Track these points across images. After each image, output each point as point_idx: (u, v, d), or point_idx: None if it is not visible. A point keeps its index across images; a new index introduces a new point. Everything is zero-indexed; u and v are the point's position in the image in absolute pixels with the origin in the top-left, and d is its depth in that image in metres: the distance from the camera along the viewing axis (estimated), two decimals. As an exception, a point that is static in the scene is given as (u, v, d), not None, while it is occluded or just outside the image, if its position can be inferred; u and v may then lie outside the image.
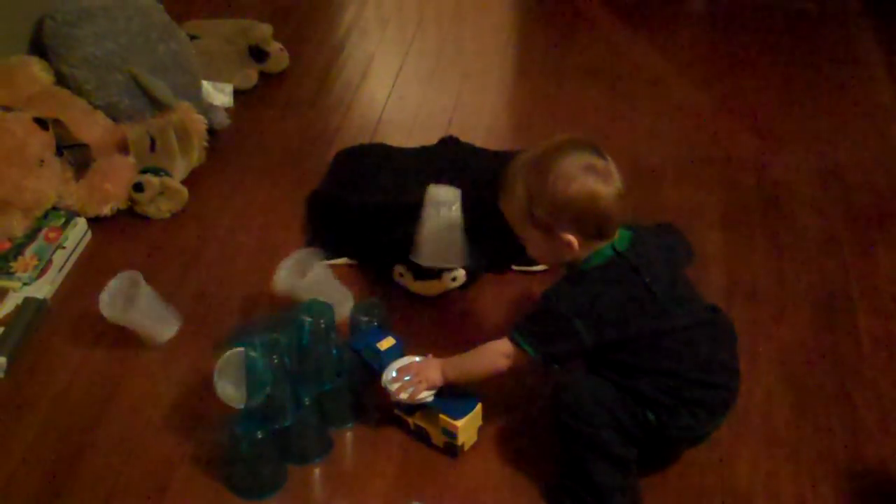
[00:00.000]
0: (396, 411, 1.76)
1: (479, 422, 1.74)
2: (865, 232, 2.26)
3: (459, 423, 1.68)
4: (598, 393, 1.56)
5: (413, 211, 2.16)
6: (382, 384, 1.72)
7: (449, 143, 2.49)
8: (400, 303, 2.05)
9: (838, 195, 2.38)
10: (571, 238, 1.55)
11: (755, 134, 2.61)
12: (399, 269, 2.06)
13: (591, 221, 1.54)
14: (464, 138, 2.51)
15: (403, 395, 1.68)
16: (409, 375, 1.69)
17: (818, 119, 2.67)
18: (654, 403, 1.56)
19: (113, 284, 1.90)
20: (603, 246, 1.58)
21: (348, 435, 1.80)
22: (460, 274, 2.07)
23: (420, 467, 1.73)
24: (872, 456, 1.74)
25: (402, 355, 1.76)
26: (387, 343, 1.78)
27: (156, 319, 1.96)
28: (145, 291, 1.92)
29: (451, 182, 2.27)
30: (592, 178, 1.53)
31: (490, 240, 2.12)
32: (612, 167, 1.57)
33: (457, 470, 1.72)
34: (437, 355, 1.80)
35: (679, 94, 2.80)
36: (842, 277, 2.13)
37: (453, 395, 1.70)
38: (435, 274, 2.05)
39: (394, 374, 1.72)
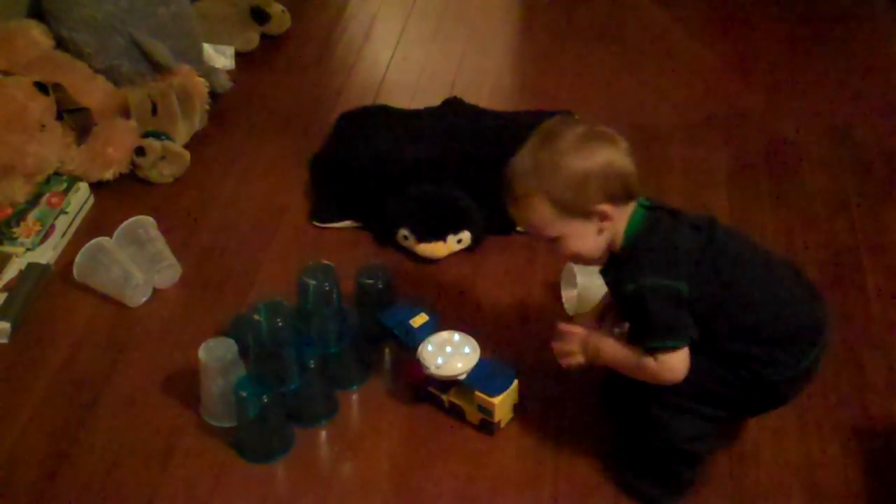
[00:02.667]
0: (430, 388, 1.74)
1: (516, 398, 1.72)
2: (874, 190, 2.24)
3: (496, 399, 1.65)
4: (696, 378, 1.48)
5: (417, 173, 2.15)
6: (417, 358, 1.69)
7: (452, 104, 2.47)
8: (405, 266, 2.05)
9: (846, 152, 2.35)
10: (606, 207, 1.47)
11: (762, 91, 2.59)
12: (403, 231, 2.05)
13: (617, 183, 1.47)
14: (468, 99, 2.48)
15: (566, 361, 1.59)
16: (570, 340, 1.57)
17: (826, 76, 2.64)
18: (747, 359, 1.49)
19: (86, 250, 2.00)
20: (633, 208, 1.51)
21: (354, 397, 1.80)
22: (465, 236, 2.06)
23: (426, 429, 1.73)
24: (880, 414, 1.73)
25: (436, 331, 1.74)
26: (420, 319, 1.76)
27: (123, 284, 1.98)
28: (116, 257, 2.00)
29: (454, 143, 2.26)
30: (596, 144, 1.47)
31: (494, 202, 2.11)
32: (603, 127, 1.51)
33: (464, 433, 1.72)
34: (444, 317, 1.80)
35: (685, 52, 2.77)
36: (850, 236, 2.11)
37: (489, 372, 1.68)
38: (439, 236, 2.04)
39: (430, 349, 1.70)
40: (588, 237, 1.50)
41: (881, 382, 1.79)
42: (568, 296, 1.94)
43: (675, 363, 1.46)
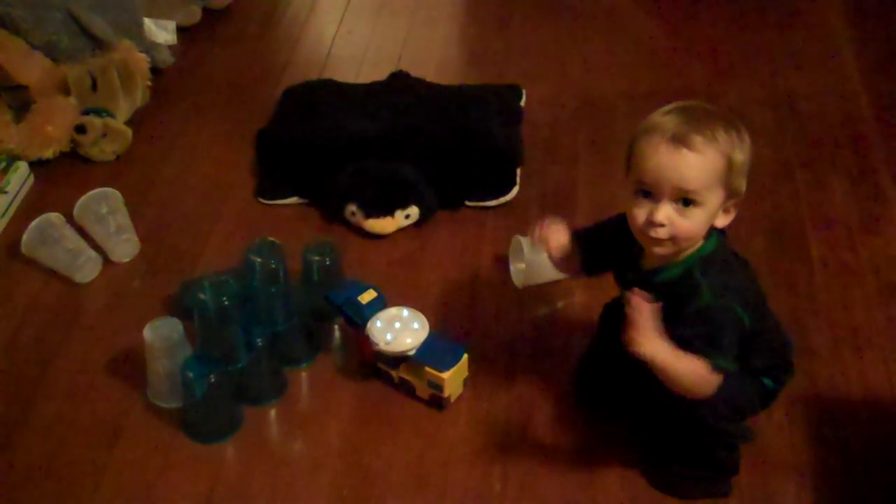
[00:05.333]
0: (379, 364, 1.73)
1: (466, 373, 1.72)
2: (818, 161, 2.26)
3: (446, 374, 1.65)
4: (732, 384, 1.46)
5: (364, 148, 2.13)
6: (367, 334, 1.68)
7: (399, 78, 2.45)
8: (353, 242, 2.04)
9: (791, 124, 2.37)
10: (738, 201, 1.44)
11: (708, 63, 2.60)
12: (351, 207, 2.04)
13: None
14: (414, 73, 2.47)
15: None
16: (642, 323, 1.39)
17: (771, 47, 2.66)
18: (770, 368, 1.54)
19: (35, 225, 1.96)
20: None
21: (303, 375, 1.79)
22: (413, 211, 2.05)
23: (376, 405, 1.73)
24: (824, 382, 1.76)
25: (385, 307, 1.73)
26: (368, 296, 1.74)
27: (71, 259, 1.96)
28: (64, 233, 1.98)
29: (401, 118, 2.24)
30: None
31: (443, 176, 2.11)
32: None
33: (414, 409, 1.72)
34: (392, 293, 1.79)
35: (632, 24, 2.77)
36: (795, 206, 2.13)
37: (438, 347, 1.68)
38: (387, 212, 2.02)
39: (379, 325, 1.69)
40: (709, 218, 1.40)
41: (825, 350, 1.81)
42: (516, 269, 1.95)
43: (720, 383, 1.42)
